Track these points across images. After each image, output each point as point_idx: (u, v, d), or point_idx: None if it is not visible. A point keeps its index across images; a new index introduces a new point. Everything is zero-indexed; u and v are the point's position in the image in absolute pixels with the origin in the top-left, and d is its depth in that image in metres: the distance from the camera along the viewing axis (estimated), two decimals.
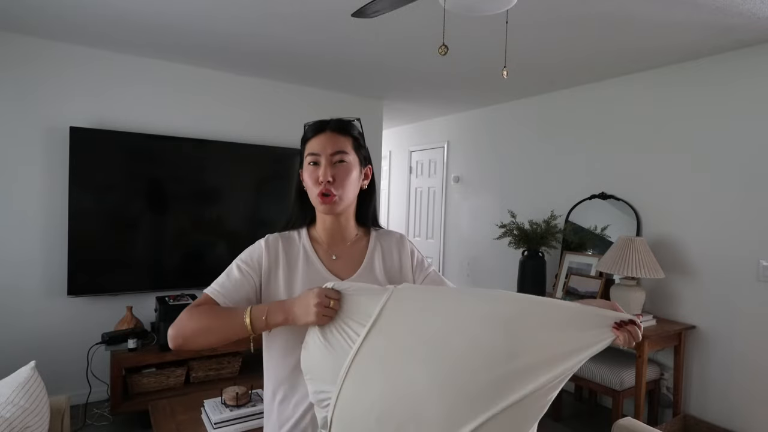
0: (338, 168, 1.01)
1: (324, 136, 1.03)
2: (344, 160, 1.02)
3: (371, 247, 1.10)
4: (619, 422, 1.69)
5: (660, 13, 2.17)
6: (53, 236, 2.90)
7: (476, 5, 1.42)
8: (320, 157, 1.01)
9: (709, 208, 2.72)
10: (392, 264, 1.10)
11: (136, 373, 2.78)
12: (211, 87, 3.41)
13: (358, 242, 1.11)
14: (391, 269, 1.09)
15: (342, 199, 1.02)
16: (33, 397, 1.42)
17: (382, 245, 1.11)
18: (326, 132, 1.03)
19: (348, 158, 1.03)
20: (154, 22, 2.52)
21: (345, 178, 1.02)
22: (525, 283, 3.38)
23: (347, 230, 1.09)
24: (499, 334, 0.76)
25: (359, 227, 1.13)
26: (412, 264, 1.11)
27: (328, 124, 1.05)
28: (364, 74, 3.40)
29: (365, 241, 1.11)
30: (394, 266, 1.10)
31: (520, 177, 3.97)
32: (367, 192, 1.12)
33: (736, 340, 2.60)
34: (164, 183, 3.17)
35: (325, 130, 1.04)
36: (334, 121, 1.05)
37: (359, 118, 1.12)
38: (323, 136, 1.03)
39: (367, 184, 1.11)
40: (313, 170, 1.02)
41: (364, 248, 1.10)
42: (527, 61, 2.95)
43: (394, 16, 2.26)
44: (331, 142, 1.02)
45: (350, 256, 1.08)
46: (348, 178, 1.02)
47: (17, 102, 2.79)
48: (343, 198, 1.02)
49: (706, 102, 2.74)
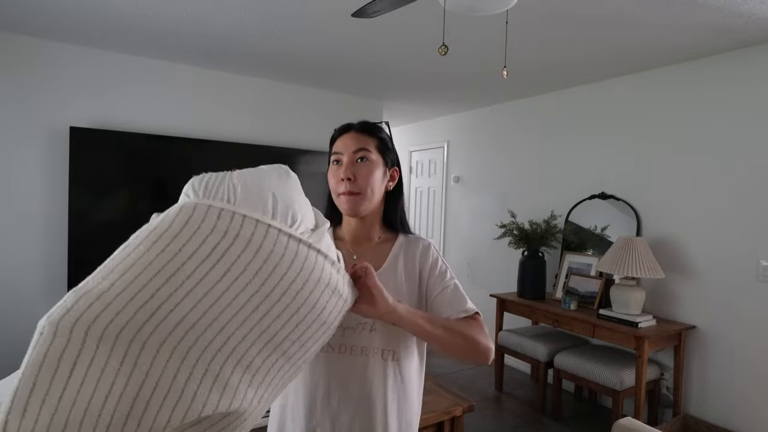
0: (359, 166, 0.99)
1: (348, 135, 1.02)
2: (366, 158, 1.00)
3: (395, 250, 1.06)
4: (619, 422, 1.69)
5: (660, 13, 2.17)
6: (53, 236, 2.90)
7: (476, 5, 1.42)
8: (343, 155, 1.00)
9: (709, 208, 2.72)
10: (413, 270, 1.05)
11: None
12: (211, 87, 3.41)
13: (383, 244, 1.08)
14: (411, 276, 1.05)
15: (363, 196, 0.98)
16: None
17: (407, 251, 1.07)
18: (351, 132, 1.03)
19: (371, 156, 1.00)
20: (154, 23, 2.51)
21: (367, 176, 0.99)
22: (525, 283, 3.38)
23: (372, 232, 1.07)
24: None
25: (386, 230, 1.10)
26: (431, 274, 1.05)
27: (354, 123, 1.05)
28: (364, 74, 3.40)
29: (390, 244, 1.08)
30: (414, 273, 1.05)
31: (520, 177, 3.97)
32: (394, 194, 1.09)
33: (736, 340, 2.60)
34: (164, 183, 3.17)
35: (350, 130, 1.03)
36: (359, 122, 1.05)
37: (388, 121, 1.10)
38: (347, 136, 1.02)
39: (393, 186, 1.08)
40: (336, 169, 1.01)
41: (388, 251, 1.06)
42: (527, 61, 2.95)
43: (394, 16, 2.26)
44: (353, 140, 1.01)
45: (371, 257, 1.04)
46: (370, 177, 0.99)
47: (17, 102, 2.78)
48: (364, 195, 0.98)
49: (706, 102, 2.74)
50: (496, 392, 3.44)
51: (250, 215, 0.67)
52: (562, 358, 2.96)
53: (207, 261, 0.63)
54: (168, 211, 0.69)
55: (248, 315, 0.66)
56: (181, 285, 0.61)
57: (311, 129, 3.84)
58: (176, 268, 0.62)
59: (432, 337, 0.92)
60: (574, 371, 2.86)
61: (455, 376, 3.67)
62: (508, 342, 3.36)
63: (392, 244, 1.08)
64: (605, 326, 2.73)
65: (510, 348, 3.35)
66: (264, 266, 0.67)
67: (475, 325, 0.97)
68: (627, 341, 2.63)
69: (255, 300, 0.66)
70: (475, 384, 3.57)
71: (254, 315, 0.66)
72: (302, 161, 3.68)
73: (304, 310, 0.71)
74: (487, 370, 3.82)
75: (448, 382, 3.50)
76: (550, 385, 3.26)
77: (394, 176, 1.08)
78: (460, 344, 0.93)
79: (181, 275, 0.61)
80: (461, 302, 1.01)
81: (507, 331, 3.44)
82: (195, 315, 0.61)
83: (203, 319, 0.62)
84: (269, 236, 0.68)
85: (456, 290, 1.03)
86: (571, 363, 2.89)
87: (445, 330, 0.93)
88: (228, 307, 0.64)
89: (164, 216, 0.68)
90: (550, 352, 3.08)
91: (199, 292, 0.62)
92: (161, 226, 0.66)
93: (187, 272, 0.62)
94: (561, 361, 2.96)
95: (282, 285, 0.68)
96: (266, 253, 0.67)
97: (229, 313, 0.64)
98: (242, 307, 0.65)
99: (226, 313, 0.64)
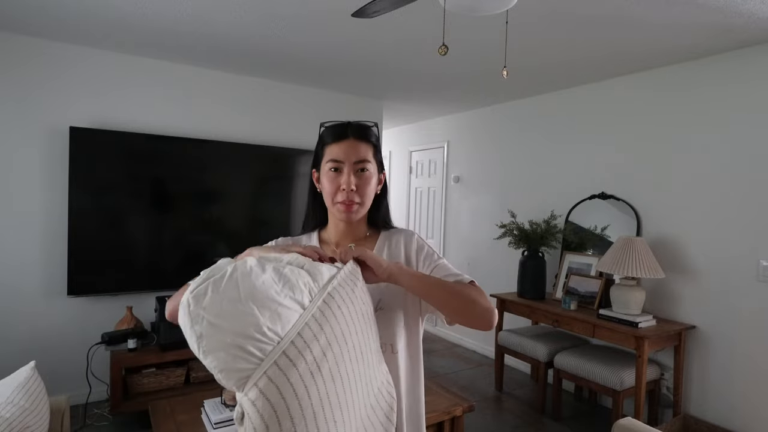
0: (361, 177, 1.01)
1: (347, 143, 1.01)
2: (367, 168, 1.02)
3: (378, 245, 1.09)
4: (619, 422, 1.69)
5: (660, 13, 2.17)
6: (53, 236, 2.90)
7: (476, 5, 1.42)
8: (343, 164, 1.00)
9: (709, 208, 2.72)
10: (399, 257, 1.08)
11: (136, 373, 2.78)
12: (211, 87, 3.41)
13: (366, 242, 1.10)
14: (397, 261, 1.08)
15: (363, 207, 1.03)
16: (33, 397, 1.42)
17: (390, 242, 1.10)
18: (349, 139, 1.02)
19: (370, 167, 1.03)
20: (154, 22, 2.52)
21: (366, 187, 1.02)
22: (525, 283, 3.38)
23: (358, 231, 1.09)
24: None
25: (369, 228, 1.12)
26: (419, 258, 1.07)
27: (348, 129, 1.03)
28: (364, 74, 3.40)
29: (374, 239, 1.11)
30: (400, 259, 1.07)
31: (520, 177, 3.98)
32: (380, 195, 1.11)
33: (736, 340, 2.60)
34: (164, 183, 3.17)
35: (347, 136, 1.02)
36: (354, 127, 1.03)
37: (376, 123, 1.11)
38: (346, 144, 1.01)
39: (380, 189, 1.10)
40: (335, 177, 1.01)
41: (372, 246, 1.09)
42: (527, 61, 2.95)
43: (394, 16, 2.26)
44: (354, 150, 1.01)
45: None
46: (369, 187, 1.03)
47: (18, 102, 2.78)
48: (363, 206, 1.03)
49: (706, 102, 2.74)
50: (496, 392, 3.45)
51: (274, 360, 0.70)
52: (562, 358, 2.96)
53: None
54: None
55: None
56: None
57: (311, 129, 3.84)
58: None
59: (431, 293, 0.92)
60: (574, 371, 2.86)
61: (455, 376, 3.67)
62: (508, 342, 3.36)
63: (376, 239, 1.10)
64: (605, 326, 2.73)
65: (510, 348, 3.35)
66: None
67: (473, 288, 0.96)
68: (627, 341, 2.63)
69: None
70: (475, 384, 3.57)
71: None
72: (302, 161, 3.68)
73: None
74: (487, 370, 3.82)
75: (448, 382, 3.50)
76: (550, 385, 3.26)
77: (381, 179, 1.10)
78: (460, 303, 0.92)
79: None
80: (455, 274, 1.01)
81: (507, 331, 3.44)
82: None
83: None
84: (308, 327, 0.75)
85: (446, 266, 1.04)
86: (571, 363, 2.89)
87: (443, 288, 0.93)
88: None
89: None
90: (550, 352, 3.08)
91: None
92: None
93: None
94: (561, 361, 2.96)
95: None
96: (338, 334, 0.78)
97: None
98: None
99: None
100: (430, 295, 0.93)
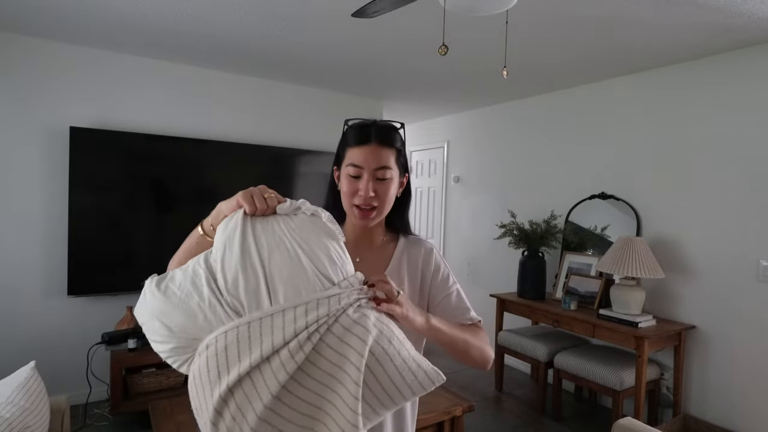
0: (380, 184, 0.98)
1: (368, 149, 0.97)
2: (387, 176, 0.98)
3: (398, 253, 1.06)
4: (619, 422, 1.69)
5: (660, 13, 2.17)
6: (53, 236, 2.90)
7: (476, 5, 1.42)
8: (362, 170, 0.97)
9: (708, 208, 2.72)
10: (416, 273, 1.06)
11: (136, 373, 2.78)
12: (211, 87, 3.41)
13: (385, 247, 1.08)
14: (414, 278, 1.06)
15: (380, 213, 1.00)
16: (33, 397, 1.42)
17: (410, 253, 1.07)
18: (371, 144, 0.97)
19: (391, 173, 0.98)
20: (154, 22, 2.52)
21: (386, 194, 0.99)
22: (525, 283, 3.38)
23: (375, 235, 1.07)
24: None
25: (388, 232, 1.10)
26: (434, 280, 1.06)
27: (372, 132, 0.98)
28: (364, 74, 3.40)
29: (392, 246, 1.08)
30: (417, 276, 1.06)
31: (520, 177, 3.97)
32: (401, 199, 1.07)
33: (736, 340, 2.60)
34: (164, 183, 3.17)
35: (369, 141, 0.97)
36: (377, 130, 0.98)
37: (403, 124, 1.06)
38: (367, 149, 0.97)
39: (402, 192, 1.07)
40: (353, 182, 0.98)
41: (391, 254, 1.06)
42: (527, 61, 2.95)
43: (394, 16, 2.26)
44: (375, 156, 0.96)
45: (375, 261, 1.04)
46: (389, 193, 1.00)
47: (17, 102, 2.78)
48: (381, 212, 1.00)
49: (706, 102, 2.74)
50: (496, 392, 3.45)
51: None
52: (562, 358, 2.96)
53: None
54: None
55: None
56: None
57: (311, 129, 3.84)
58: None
59: (437, 339, 0.93)
60: (574, 371, 2.86)
61: (455, 376, 3.67)
62: (508, 342, 3.36)
63: (394, 246, 1.08)
64: (605, 326, 2.73)
65: (510, 348, 3.35)
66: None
67: (480, 333, 1.01)
68: (627, 341, 2.63)
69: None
70: (475, 384, 3.57)
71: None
72: (302, 161, 3.68)
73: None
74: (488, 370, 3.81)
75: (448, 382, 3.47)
76: (550, 385, 3.26)
77: (403, 183, 1.06)
78: (467, 350, 0.97)
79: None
80: (465, 310, 1.05)
81: (507, 331, 3.44)
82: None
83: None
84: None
85: (459, 297, 1.06)
86: (571, 363, 2.89)
87: (456, 336, 0.96)
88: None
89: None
90: (550, 352, 3.08)
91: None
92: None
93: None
94: (561, 361, 2.96)
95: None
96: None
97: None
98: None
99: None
100: (436, 340, 0.93)
